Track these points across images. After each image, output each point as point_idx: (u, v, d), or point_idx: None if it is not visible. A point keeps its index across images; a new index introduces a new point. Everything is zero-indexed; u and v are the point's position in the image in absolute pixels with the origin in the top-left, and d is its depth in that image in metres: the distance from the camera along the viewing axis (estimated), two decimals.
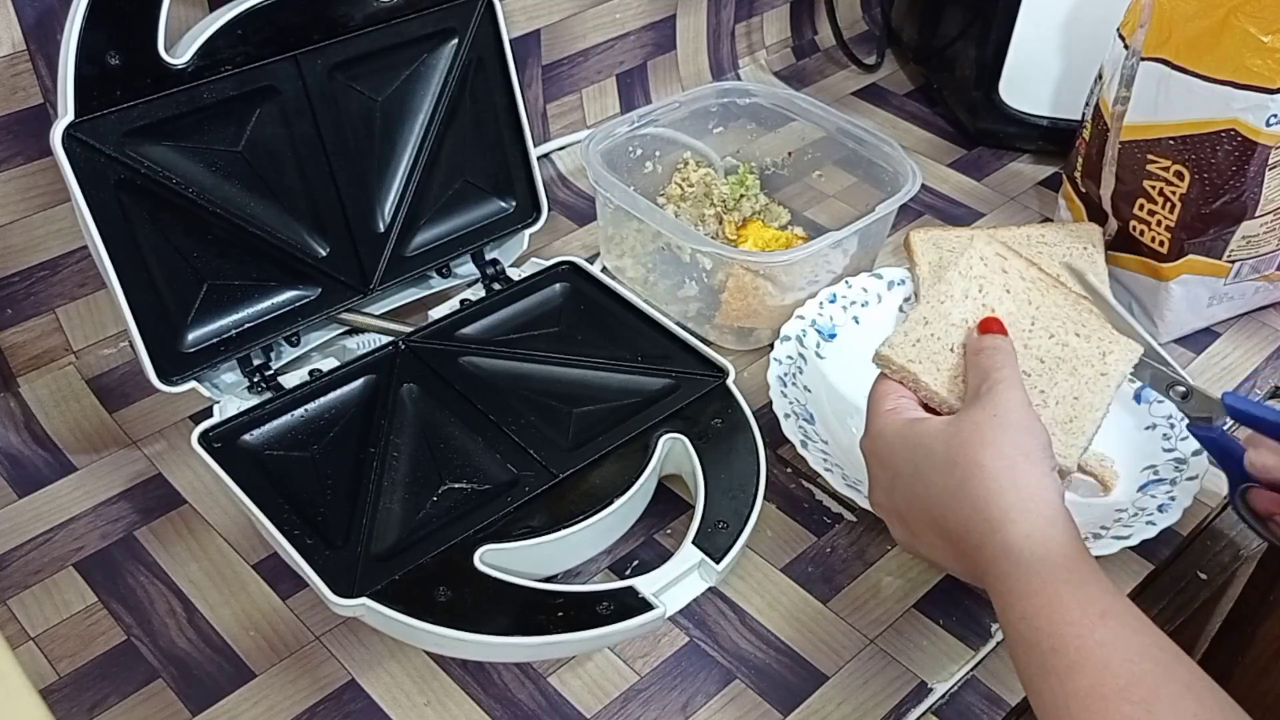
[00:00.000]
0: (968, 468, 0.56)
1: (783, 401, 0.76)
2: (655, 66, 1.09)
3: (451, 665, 0.66)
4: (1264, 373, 0.86)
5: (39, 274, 0.78)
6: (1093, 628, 0.48)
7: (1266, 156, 0.78)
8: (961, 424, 0.58)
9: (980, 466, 0.56)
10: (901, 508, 0.61)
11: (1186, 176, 0.80)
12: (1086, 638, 0.48)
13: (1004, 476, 0.55)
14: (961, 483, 0.56)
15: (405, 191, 0.80)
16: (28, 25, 0.72)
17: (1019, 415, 0.58)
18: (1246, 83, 0.76)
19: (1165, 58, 0.79)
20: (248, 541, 0.72)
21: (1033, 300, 0.67)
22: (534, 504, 0.68)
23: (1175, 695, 0.46)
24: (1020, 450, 0.56)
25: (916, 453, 0.59)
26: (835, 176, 0.98)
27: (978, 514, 0.55)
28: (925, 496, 0.58)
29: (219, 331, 0.74)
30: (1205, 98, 0.78)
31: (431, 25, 0.77)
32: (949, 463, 0.57)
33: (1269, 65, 0.75)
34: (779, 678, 0.65)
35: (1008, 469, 0.55)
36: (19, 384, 0.80)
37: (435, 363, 0.76)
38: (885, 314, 0.85)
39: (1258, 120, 0.76)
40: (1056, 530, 0.53)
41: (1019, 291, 0.68)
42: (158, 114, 0.67)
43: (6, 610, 0.68)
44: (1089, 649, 0.48)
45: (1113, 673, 0.47)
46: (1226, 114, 0.77)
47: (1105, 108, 0.85)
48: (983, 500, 0.55)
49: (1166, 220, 0.83)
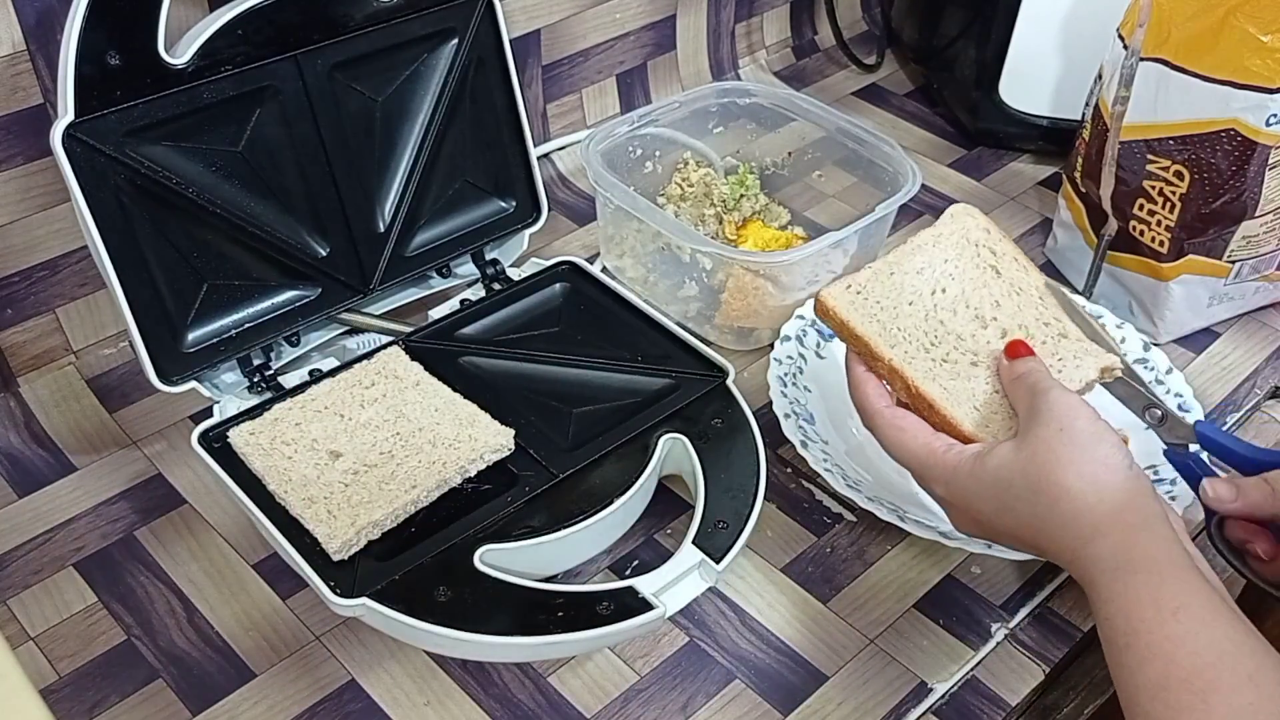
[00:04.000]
0: (1053, 494, 0.56)
1: (783, 401, 0.76)
2: (655, 66, 1.09)
3: (451, 665, 0.66)
4: (1264, 373, 0.85)
5: (39, 274, 0.78)
6: (1163, 623, 0.50)
7: (1266, 156, 0.78)
8: (1033, 447, 0.57)
9: (1063, 489, 0.55)
10: (990, 535, 0.61)
11: (1186, 176, 0.80)
12: (1156, 633, 0.50)
13: (1090, 494, 0.55)
14: (1050, 508, 0.56)
15: (405, 191, 0.80)
16: (28, 25, 0.72)
17: (1085, 423, 0.57)
18: (1246, 82, 0.76)
19: (1164, 58, 0.79)
20: (248, 541, 0.72)
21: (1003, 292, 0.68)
22: (534, 504, 0.68)
23: (1234, 685, 0.48)
24: (1100, 463, 0.56)
25: (995, 489, 0.58)
26: (835, 176, 0.98)
27: (1069, 534, 0.55)
28: (1014, 526, 0.58)
29: (219, 331, 0.74)
30: (1205, 98, 0.78)
31: (431, 25, 0.77)
32: (1032, 491, 0.56)
33: (1268, 65, 0.75)
34: (779, 678, 0.65)
35: (1091, 486, 0.55)
36: (19, 384, 0.80)
37: (435, 363, 0.76)
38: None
39: (1257, 120, 0.76)
40: (1143, 534, 0.54)
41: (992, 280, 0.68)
42: (158, 114, 0.67)
43: (6, 610, 0.68)
44: (1158, 643, 0.50)
45: (1177, 664, 0.49)
46: (1226, 114, 0.77)
47: (1105, 108, 0.85)
48: (1072, 519, 0.55)
49: (1166, 220, 0.83)
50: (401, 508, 0.65)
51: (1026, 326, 0.66)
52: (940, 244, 0.69)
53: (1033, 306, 0.67)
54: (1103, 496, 0.55)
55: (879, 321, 0.66)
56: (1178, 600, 0.51)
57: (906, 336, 0.65)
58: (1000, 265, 0.68)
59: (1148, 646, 0.50)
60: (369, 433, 0.70)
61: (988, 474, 0.59)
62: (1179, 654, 0.49)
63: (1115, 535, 0.54)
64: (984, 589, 0.70)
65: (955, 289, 0.68)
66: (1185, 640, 0.49)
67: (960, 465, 0.60)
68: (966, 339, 0.66)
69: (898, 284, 0.67)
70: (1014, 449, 0.58)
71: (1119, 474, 0.56)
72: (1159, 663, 0.49)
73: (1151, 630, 0.50)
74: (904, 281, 0.68)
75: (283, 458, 0.68)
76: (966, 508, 0.61)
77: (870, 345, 0.65)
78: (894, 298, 0.67)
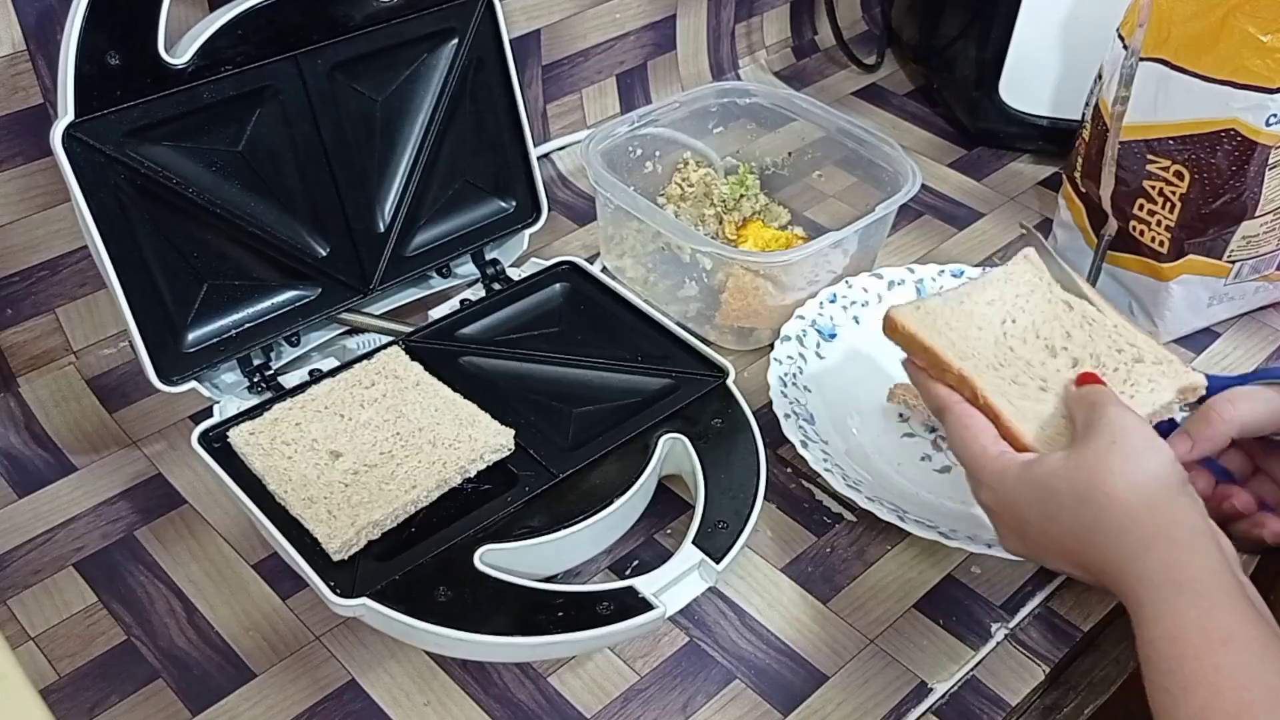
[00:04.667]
0: (1100, 502, 0.55)
1: (783, 401, 0.76)
2: (655, 66, 1.09)
3: (451, 665, 0.66)
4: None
5: (39, 274, 0.78)
6: (1212, 652, 0.48)
7: (1266, 156, 0.78)
8: (1083, 456, 0.56)
9: (1112, 499, 0.54)
10: (1037, 550, 0.60)
11: (1186, 176, 0.80)
12: (1204, 661, 0.48)
13: (1139, 507, 0.54)
14: (1096, 518, 0.55)
15: (405, 191, 0.80)
16: (28, 25, 0.72)
17: (1139, 437, 0.56)
18: (1246, 82, 0.76)
19: (1164, 58, 0.79)
20: (248, 541, 0.72)
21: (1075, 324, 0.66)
22: (534, 504, 0.68)
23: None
24: (1149, 475, 0.55)
25: (1041, 495, 0.57)
26: (835, 176, 0.98)
27: (1115, 546, 0.54)
28: (1059, 537, 0.57)
29: (219, 331, 0.74)
30: (1204, 98, 0.78)
31: (431, 25, 0.77)
32: (1078, 500, 0.56)
33: (1268, 65, 0.75)
34: (779, 678, 0.65)
35: (1141, 498, 0.54)
36: (19, 384, 0.80)
37: (435, 363, 0.76)
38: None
39: (1257, 120, 0.76)
40: (1194, 555, 0.52)
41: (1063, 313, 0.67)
42: (158, 114, 0.67)
43: (6, 610, 0.68)
44: (1204, 673, 0.48)
45: (1223, 697, 0.47)
46: (1226, 114, 0.77)
47: (1105, 108, 0.85)
48: (1119, 532, 0.54)
49: (1166, 220, 0.83)
50: (401, 508, 0.65)
51: (1098, 355, 0.65)
52: (1012, 280, 0.68)
53: (1106, 336, 0.66)
54: (1153, 509, 0.53)
55: (948, 339, 0.64)
56: (1228, 630, 0.49)
57: (975, 354, 0.64)
58: (1072, 301, 0.67)
59: (1193, 674, 0.48)
60: (369, 433, 0.70)
61: (1035, 479, 0.57)
62: (1226, 686, 0.47)
63: (1164, 551, 0.52)
64: (984, 589, 0.70)
65: (1025, 320, 0.67)
66: (1234, 673, 0.48)
67: (1009, 468, 0.59)
68: (1035, 365, 0.64)
69: (967, 311, 0.66)
70: (1065, 457, 0.57)
71: (1171, 489, 0.54)
72: (1204, 693, 0.47)
73: (1200, 658, 0.48)
74: (974, 310, 0.67)
75: (283, 458, 0.68)
76: (1013, 514, 0.59)
77: (939, 355, 0.63)
78: (964, 323, 0.66)
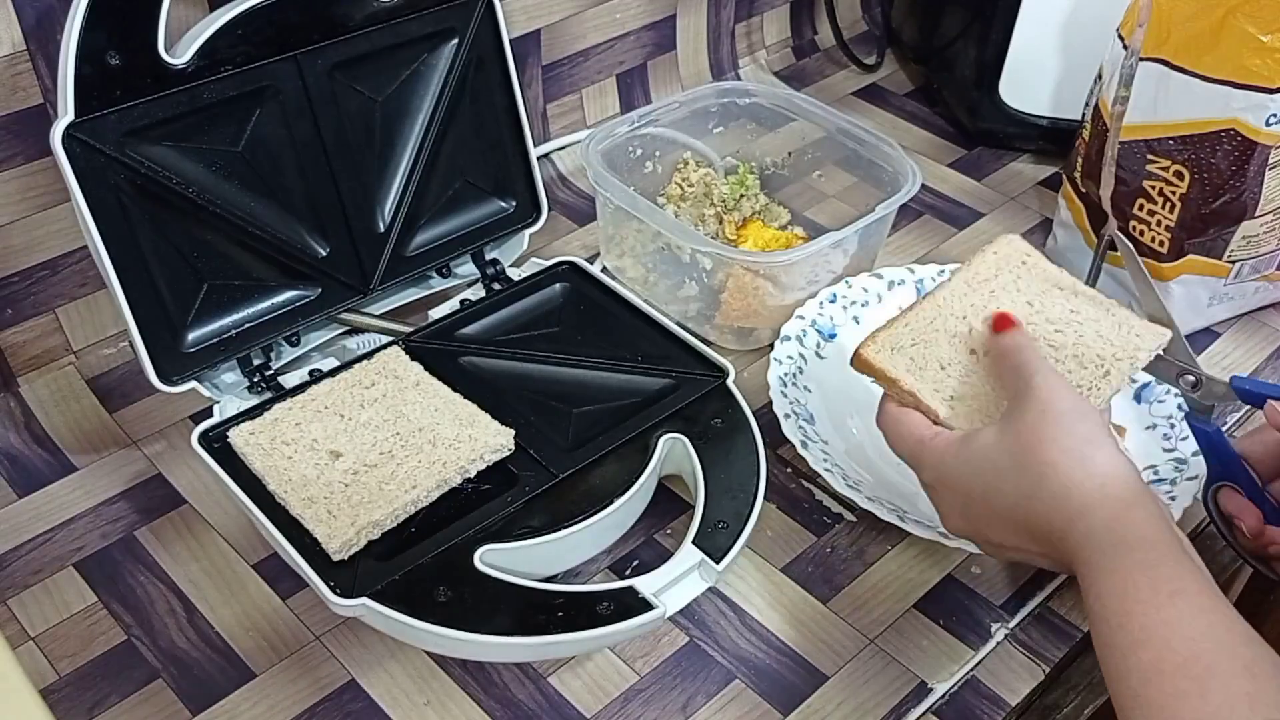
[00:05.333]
0: (1038, 468, 0.56)
1: (783, 401, 0.76)
2: (655, 66, 1.09)
3: (451, 665, 0.66)
4: (1264, 372, 0.85)
5: (39, 274, 0.78)
6: (1160, 606, 0.49)
7: (1266, 156, 0.78)
8: (1017, 426, 0.58)
9: (1050, 465, 0.56)
10: (982, 526, 0.61)
11: (1186, 176, 0.80)
12: (1153, 615, 0.49)
13: (1076, 469, 0.55)
14: (1036, 484, 0.56)
15: (405, 191, 0.80)
16: (28, 25, 0.72)
17: (1067, 403, 0.57)
18: (1246, 82, 0.76)
19: (1164, 58, 0.79)
20: (248, 541, 0.72)
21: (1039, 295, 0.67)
22: (534, 504, 0.68)
23: (1231, 673, 0.47)
24: (1082, 438, 0.56)
25: (981, 468, 0.59)
26: (835, 176, 0.98)
27: (1057, 511, 0.55)
28: (1003, 508, 0.58)
29: (219, 332, 0.74)
30: (1204, 98, 0.78)
31: (431, 25, 0.77)
32: (1018, 469, 0.57)
33: (1268, 65, 0.75)
34: (779, 678, 0.65)
35: (1078, 460, 0.55)
36: (19, 384, 0.80)
37: (435, 363, 0.76)
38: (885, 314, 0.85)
39: (1257, 120, 0.76)
40: (1135, 511, 0.53)
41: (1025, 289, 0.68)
42: (158, 114, 0.67)
43: (6, 610, 0.68)
44: (1153, 626, 0.49)
45: (1173, 649, 0.48)
46: (1226, 114, 0.77)
47: (1105, 108, 0.85)
48: (1061, 496, 0.55)
49: (1166, 220, 0.83)
50: (401, 508, 0.65)
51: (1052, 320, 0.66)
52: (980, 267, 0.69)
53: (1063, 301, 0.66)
54: (1089, 471, 0.55)
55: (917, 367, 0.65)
56: (1174, 584, 0.50)
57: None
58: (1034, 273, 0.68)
59: (1143, 629, 0.49)
60: (369, 433, 0.70)
61: (974, 455, 0.59)
62: (1175, 639, 0.48)
63: (1106, 510, 0.54)
64: (984, 589, 0.70)
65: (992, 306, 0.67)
66: (1181, 625, 0.49)
67: (947, 449, 0.60)
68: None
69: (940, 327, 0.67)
70: (999, 430, 0.59)
71: (1103, 450, 0.56)
72: (1154, 646, 0.48)
73: (1147, 613, 0.49)
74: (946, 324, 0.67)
75: (283, 458, 0.68)
76: (955, 491, 0.61)
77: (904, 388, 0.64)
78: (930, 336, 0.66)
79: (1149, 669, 0.48)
